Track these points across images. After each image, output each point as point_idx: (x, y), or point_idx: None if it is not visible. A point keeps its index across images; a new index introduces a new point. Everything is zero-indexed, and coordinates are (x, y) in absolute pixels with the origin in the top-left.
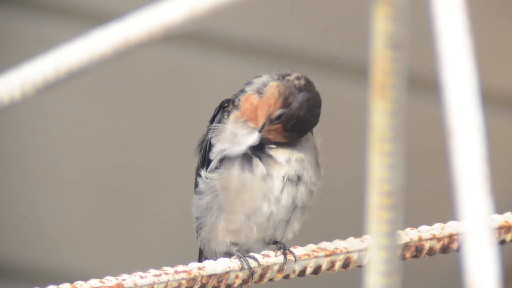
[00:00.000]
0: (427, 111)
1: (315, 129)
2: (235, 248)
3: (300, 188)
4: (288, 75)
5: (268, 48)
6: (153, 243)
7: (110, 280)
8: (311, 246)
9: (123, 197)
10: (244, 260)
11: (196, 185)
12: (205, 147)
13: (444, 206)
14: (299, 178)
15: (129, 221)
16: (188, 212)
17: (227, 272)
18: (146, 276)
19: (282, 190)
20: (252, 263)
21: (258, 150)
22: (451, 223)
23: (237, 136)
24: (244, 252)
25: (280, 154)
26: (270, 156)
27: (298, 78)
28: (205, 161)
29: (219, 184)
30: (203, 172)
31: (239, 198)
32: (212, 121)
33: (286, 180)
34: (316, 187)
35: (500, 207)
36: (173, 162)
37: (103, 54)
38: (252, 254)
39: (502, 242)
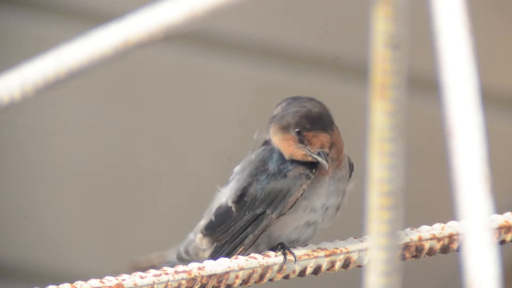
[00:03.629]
0: (427, 111)
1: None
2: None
3: (310, 229)
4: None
5: (268, 48)
6: (153, 243)
7: (110, 280)
8: (311, 246)
9: (123, 197)
10: (288, 251)
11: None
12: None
13: (444, 206)
14: (314, 223)
15: (129, 221)
16: (189, 212)
17: (227, 272)
18: (146, 276)
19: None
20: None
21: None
22: (451, 223)
23: None
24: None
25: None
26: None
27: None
28: None
29: None
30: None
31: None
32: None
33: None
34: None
35: (500, 207)
36: (174, 162)
37: (103, 54)
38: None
39: (502, 242)
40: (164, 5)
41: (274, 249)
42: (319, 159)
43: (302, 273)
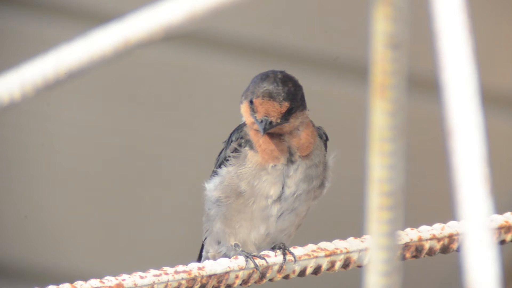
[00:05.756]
0: (427, 111)
1: (330, 146)
2: (240, 249)
3: (292, 215)
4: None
5: (268, 48)
6: (153, 243)
7: (110, 280)
8: (311, 246)
9: (123, 197)
10: (251, 260)
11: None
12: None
13: (444, 206)
14: (293, 209)
15: (129, 221)
16: (188, 212)
17: (227, 272)
18: (146, 276)
19: (278, 217)
20: (260, 262)
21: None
22: (451, 223)
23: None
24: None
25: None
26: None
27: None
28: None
29: (225, 204)
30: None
31: (240, 221)
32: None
33: (282, 211)
34: (309, 208)
35: (500, 207)
36: (173, 162)
37: (103, 54)
38: (257, 254)
39: (502, 242)
40: (164, 5)
41: (274, 249)
42: (258, 125)
43: (302, 273)
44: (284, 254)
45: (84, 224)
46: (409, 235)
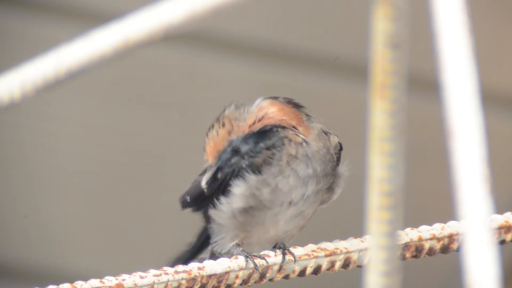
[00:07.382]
0: (427, 111)
1: (343, 157)
2: (241, 249)
3: (298, 218)
4: None
5: (269, 48)
6: (153, 243)
7: (110, 280)
8: (311, 246)
9: (123, 197)
10: (251, 260)
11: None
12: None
13: (444, 206)
14: (301, 212)
15: (129, 221)
16: (189, 213)
17: (227, 272)
18: (146, 276)
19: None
20: (260, 262)
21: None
22: (451, 223)
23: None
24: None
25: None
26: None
27: None
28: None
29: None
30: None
31: (254, 226)
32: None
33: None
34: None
35: (500, 207)
36: (174, 162)
37: (103, 54)
38: (257, 254)
39: (502, 242)
40: (164, 5)
41: (274, 248)
42: None
43: (302, 273)
44: (284, 254)
45: (84, 224)
46: (409, 235)
